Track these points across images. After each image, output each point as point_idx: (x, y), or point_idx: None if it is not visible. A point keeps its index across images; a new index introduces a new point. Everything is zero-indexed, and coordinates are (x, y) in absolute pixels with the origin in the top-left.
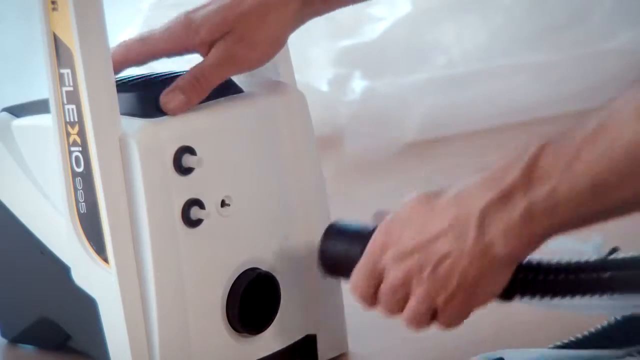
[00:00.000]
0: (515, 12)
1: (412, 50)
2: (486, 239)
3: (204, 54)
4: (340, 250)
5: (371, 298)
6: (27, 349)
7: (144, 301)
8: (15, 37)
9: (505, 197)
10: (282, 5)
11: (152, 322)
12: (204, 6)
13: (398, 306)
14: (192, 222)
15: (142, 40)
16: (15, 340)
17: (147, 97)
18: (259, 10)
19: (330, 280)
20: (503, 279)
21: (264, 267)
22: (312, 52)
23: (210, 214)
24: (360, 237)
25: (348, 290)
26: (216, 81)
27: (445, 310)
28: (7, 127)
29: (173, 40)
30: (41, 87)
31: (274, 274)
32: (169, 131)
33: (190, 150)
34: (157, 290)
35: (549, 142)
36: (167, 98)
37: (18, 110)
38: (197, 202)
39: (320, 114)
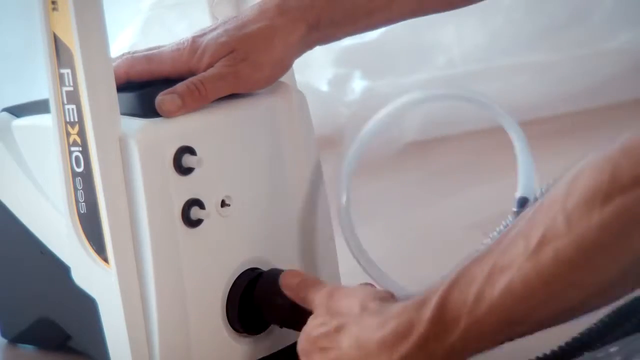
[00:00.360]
0: (515, 13)
1: (412, 50)
2: None
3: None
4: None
5: None
6: (27, 349)
7: (144, 301)
8: (15, 37)
9: (421, 350)
10: (288, 29)
11: (152, 322)
12: (210, 30)
13: None
14: (192, 222)
15: (148, 59)
16: (15, 340)
17: (147, 98)
18: (264, 33)
19: (330, 280)
20: None
21: (264, 267)
22: (312, 52)
23: (210, 214)
24: None
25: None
26: (215, 94)
27: None
28: (7, 127)
29: (178, 65)
30: (41, 87)
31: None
32: (169, 131)
33: (190, 150)
34: (157, 290)
35: (449, 286)
36: (164, 99)
37: (18, 111)
38: (197, 202)
39: (320, 114)
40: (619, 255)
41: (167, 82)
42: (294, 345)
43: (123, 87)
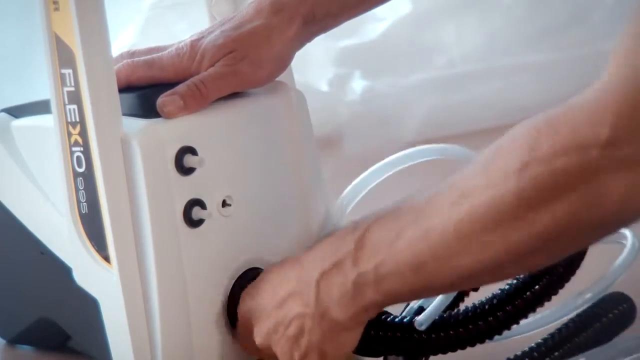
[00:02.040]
0: (515, 12)
1: (412, 50)
2: (323, 305)
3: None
4: None
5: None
6: (26, 349)
7: (146, 301)
8: (15, 37)
9: (336, 267)
10: (284, 25)
11: (154, 321)
12: (207, 32)
13: None
14: (193, 222)
15: (149, 65)
16: (14, 340)
17: (148, 98)
18: (261, 31)
19: None
20: (350, 339)
21: (264, 267)
22: (312, 52)
23: (211, 214)
24: None
25: None
26: (216, 93)
27: None
28: (7, 127)
29: (179, 71)
30: (42, 87)
31: None
32: (171, 131)
33: (191, 151)
34: (159, 290)
35: (378, 217)
36: (165, 101)
37: (17, 111)
38: (198, 202)
39: (320, 114)
40: (529, 223)
41: (172, 83)
42: None
43: (124, 87)
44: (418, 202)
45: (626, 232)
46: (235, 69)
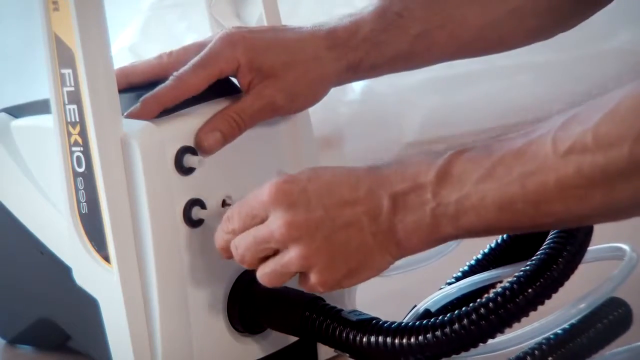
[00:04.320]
0: None
1: None
2: (394, 223)
3: (244, 83)
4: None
5: (231, 237)
6: (26, 349)
7: (146, 301)
8: (15, 37)
9: (415, 193)
10: (330, 63)
11: (154, 321)
12: (259, 31)
13: (257, 255)
14: (193, 222)
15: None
16: (14, 340)
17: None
18: (308, 64)
19: None
20: (385, 265)
21: None
22: None
23: (211, 214)
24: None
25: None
26: (251, 125)
27: (319, 276)
28: (6, 127)
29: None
30: (42, 87)
31: None
32: (170, 131)
33: (191, 151)
34: (159, 290)
35: (464, 150)
36: (206, 137)
37: (16, 111)
38: (198, 202)
39: (320, 114)
40: (636, 190)
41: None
42: (295, 345)
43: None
44: (513, 144)
45: (624, 246)
46: (272, 101)
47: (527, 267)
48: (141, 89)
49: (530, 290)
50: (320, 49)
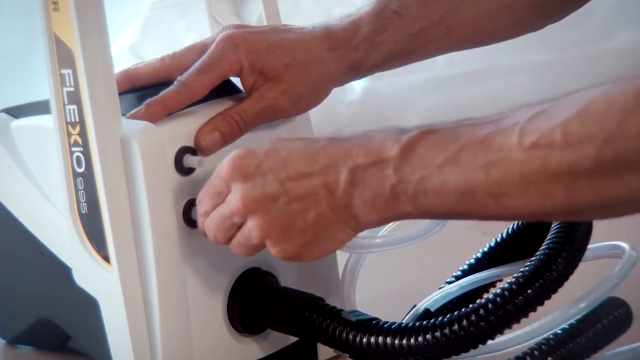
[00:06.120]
0: None
1: None
2: (352, 197)
3: (247, 85)
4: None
5: (203, 219)
6: (26, 349)
7: (146, 301)
8: (15, 37)
9: (375, 167)
10: (332, 64)
11: (154, 321)
12: (260, 32)
13: (226, 233)
14: (193, 222)
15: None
16: (14, 341)
17: (148, 98)
18: (311, 66)
19: (331, 280)
20: (346, 238)
21: (264, 267)
22: None
23: None
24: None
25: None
26: (252, 127)
27: (276, 246)
28: (6, 128)
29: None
30: (42, 88)
31: (274, 273)
32: (170, 132)
33: (191, 151)
34: (159, 290)
35: (431, 131)
36: (204, 137)
37: (16, 111)
38: None
39: (320, 114)
40: (602, 187)
41: (172, 83)
42: (295, 345)
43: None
44: (480, 130)
45: (623, 244)
46: (274, 103)
47: (527, 268)
48: (143, 90)
49: (529, 291)
50: (322, 50)
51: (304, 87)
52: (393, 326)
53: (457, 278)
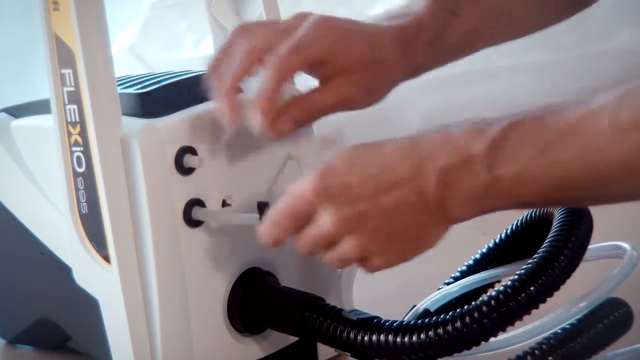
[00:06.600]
0: None
1: None
2: (445, 198)
3: (322, 77)
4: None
5: (285, 238)
6: (26, 349)
7: (146, 301)
8: (15, 37)
9: (466, 165)
10: (401, 64)
11: (154, 321)
12: (344, 20)
13: (319, 249)
14: (193, 222)
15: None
16: (14, 340)
17: (148, 98)
18: (383, 64)
19: (331, 280)
20: (441, 235)
21: (265, 267)
22: None
23: (211, 213)
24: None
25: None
26: (322, 117)
27: (380, 259)
28: (6, 127)
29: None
30: (41, 87)
31: (274, 273)
32: (171, 131)
33: (191, 151)
34: (159, 290)
35: (518, 122)
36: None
37: (16, 111)
38: (198, 202)
39: None
40: None
41: (172, 83)
42: (295, 345)
43: (124, 87)
44: (567, 117)
45: (624, 244)
46: (348, 98)
47: (529, 265)
48: (141, 89)
49: (532, 288)
50: (396, 49)
51: (377, 84)
52: (395, 324)
53: (456, 279)
